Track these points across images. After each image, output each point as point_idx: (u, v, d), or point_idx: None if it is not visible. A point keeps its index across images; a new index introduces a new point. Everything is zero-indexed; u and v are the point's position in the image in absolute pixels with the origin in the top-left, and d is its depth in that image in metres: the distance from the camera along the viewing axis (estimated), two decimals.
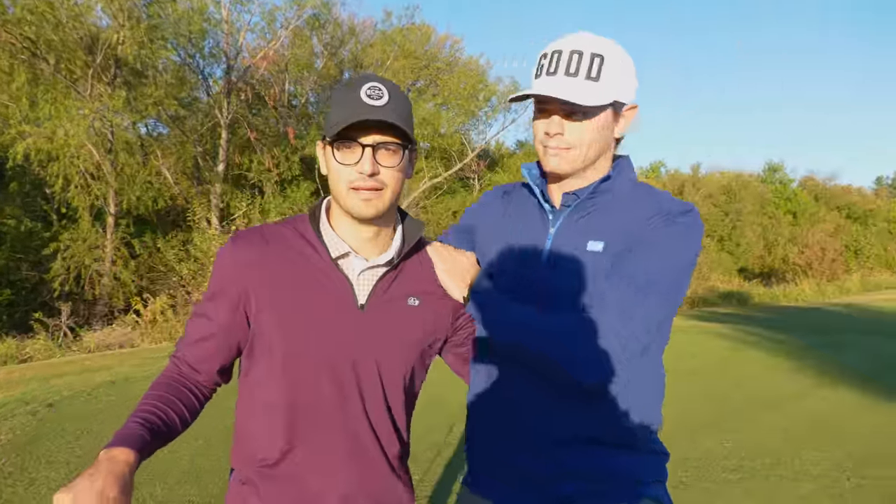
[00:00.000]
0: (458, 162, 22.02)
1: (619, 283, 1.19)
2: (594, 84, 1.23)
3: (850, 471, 4.12)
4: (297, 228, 1.25)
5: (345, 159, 1.15)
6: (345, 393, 1.20)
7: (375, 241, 1.25)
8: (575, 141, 1.26)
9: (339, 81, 22.17)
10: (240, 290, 1.19)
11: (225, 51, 18.09)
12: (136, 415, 1.10)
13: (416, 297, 1.28)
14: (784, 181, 35.82)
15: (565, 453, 1.28)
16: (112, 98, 14.26)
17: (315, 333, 1.19)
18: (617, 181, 1.32)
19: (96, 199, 15.13)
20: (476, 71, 22.65)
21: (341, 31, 21.50)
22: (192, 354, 1.23)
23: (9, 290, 15.50)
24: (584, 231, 1.30)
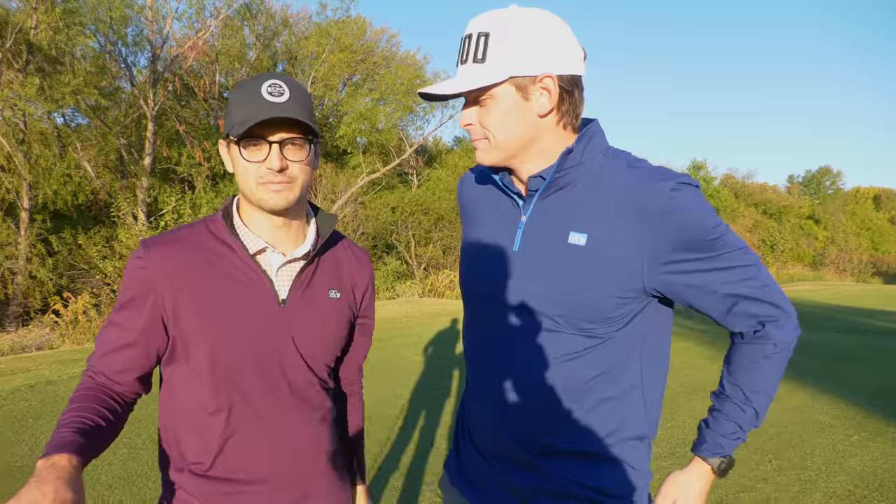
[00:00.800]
0: (397, 157, 21.89)
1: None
2: (480, 66, 1.14)
3: (771, 453, 4.36)
4: (209, 229, 1.23)
5: (253, 157, 1.15)
6: (273, 390, 1.21)
7: (289, 235, 1.26)
8: (486, 130, 1.19)
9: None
10: (155, 296, 1.17)
11: (149, 39, 17.24)
12: (64, 426, 1.04)
13: (335, 290, 1.31)
14: (707, 179, 37.59)
15: (545, 463, 1.26)
16: (24, 86, 13.31)
17: (238, 332, 1.18)
18: (584, 152, 1.18)
19: (8, 193, 14.13)
20: (413, 66, 22.57)
21: (274, 23, 20.98)
22: (109, 365, 1.18)
23: None
24: (562, 219, 1.19)
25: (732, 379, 1.26)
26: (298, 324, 1.23)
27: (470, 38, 1.16)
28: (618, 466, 1.25)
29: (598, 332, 1.18)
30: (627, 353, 1.22)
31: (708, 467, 1.29)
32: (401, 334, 9.30)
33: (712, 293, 1.16)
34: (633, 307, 1.19)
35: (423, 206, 21.02)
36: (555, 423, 1.24)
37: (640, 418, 1.26)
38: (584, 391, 1.21)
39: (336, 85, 21.09)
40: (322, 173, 19.21)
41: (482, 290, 1.31)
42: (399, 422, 4.91)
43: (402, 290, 17.48)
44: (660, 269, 1.14)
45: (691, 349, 8.38)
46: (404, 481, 3.72)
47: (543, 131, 1.19)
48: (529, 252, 1.23)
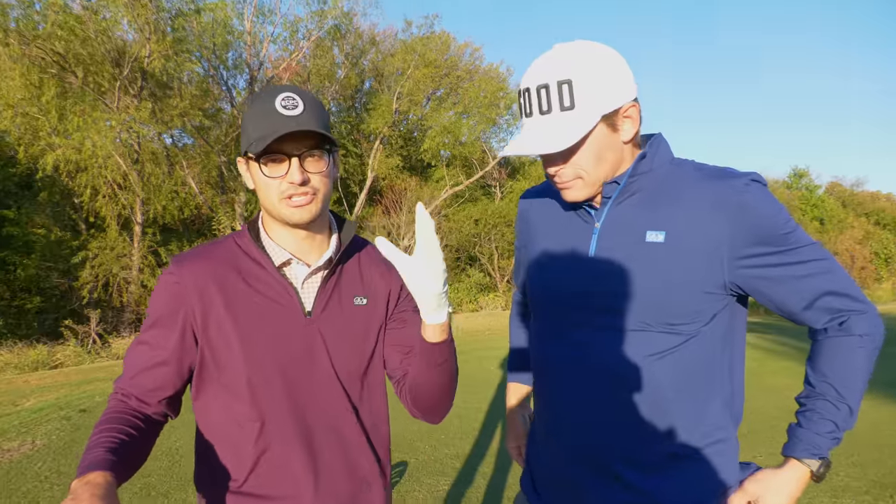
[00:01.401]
0: (480, 170, 22.04)
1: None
2: (570, 114, 1.15)
3: (891, 488, 3.99)
4: (237, 243, 1.24)
5: (273, 172, 1.14)
6: (305, 403, 1.19)
7: (313, 246, 1.25)
8: (579, 170, 1.21)
9: (359, 90, 22.37)
10: (185, 313, 1.17)
11: (248, 62, 18.37)
12: (95, 446, 1.04)
13: (361, 296, 1.29)
14: (810, 187, 35.27)
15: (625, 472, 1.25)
16: (138, 110, 14.55)
17: (266, 345, 1.17)
18: (655, 158, 1.23)
19: (123, 209, 15.42)
20: (496, 78, 22.67)
21: (362, 42, 21.76)
22: (141, 385, 1.17)
23: (39, 297, 15.85)
24: (637, 220, 1.22)
25: (820, 376, 1.21)
26: (325, 334, 1.22)
27: (547, 89, 1.17)
28: (710, 470, 1.24)
29: (683, 329, 1.19)
30: (713, 351, 1.22)
31: (805, 469, 1.20)
32: (483, 347, 9.32)
33: (791, 287, 1.18)
34: (716, 303, 1.20)
35: (506, 218, 20.98)
36: (643, 427, 1.22)
37: (727, 418, 1.26)
38: (673, 391, 1.21)
39: (420, 100, 21.52)
40: (406, 186, 19.64)
41: (558, 295, 1.32)
42: (480, 436, 4.91)
43: (485, 302, 17.51)
44: (739, 263, 1.16)
45: (793, 369, 7.86)
46: (484, 496, 3.72)
47: (626, 154, 1.24)
48: (606, 255, 1.24)
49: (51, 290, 16.05)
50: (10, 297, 15.81)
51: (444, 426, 5.14)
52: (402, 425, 5.15)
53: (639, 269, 1.20)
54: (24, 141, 14.40)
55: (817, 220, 32.29)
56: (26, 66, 13.53)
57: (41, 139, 14.15)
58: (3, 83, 13.42)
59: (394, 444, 4.66)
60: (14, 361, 10.88)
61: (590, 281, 1.26)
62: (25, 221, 15.84)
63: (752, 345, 9.90)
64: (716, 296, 1.19)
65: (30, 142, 14.37)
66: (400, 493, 3.77)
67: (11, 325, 14.61)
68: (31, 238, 15.77)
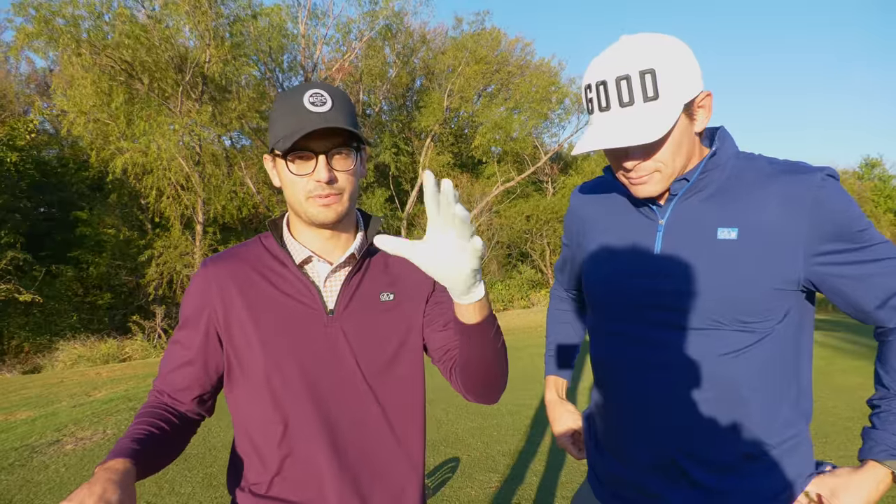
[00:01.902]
0: (531, 165, 21.86)
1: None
2: (654, 104, 1.11)
3: None
4: (263, 244, 1.24)
5: (300, 170, 1.12)
6: (326, 405, 1.16)
7: (338, 245, 1.22)
8: (658, 163, 1.17)
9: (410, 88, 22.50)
10: (210, 312, 1.17)
11: (302, 64, 18.80)
12: (124, 437, 1.07)
13: (388, 292, 1.24)
14: (884, 177, 33.37)
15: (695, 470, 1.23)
16: (199, 113, 15.10)
17: (288, 345, 1.16)
18: (723, 154, 1.20)
19: (186, 209, 16.04)
20: (547, 73, 22.41)
21: (413, 40, 21.90)
22: (172, 383, 1.20)
23: (109, 294, 16.73)
24: (706, 217, 1.19)
25: (894, 375, 1.17)
26: (348, 333, 1.18)
27: (629, 80, 1.11)
28: (785, 467, 1.21)
29: (757, 327, 1.16)
30: (785, 349, 1.19)
31: (886, 472, 1.14)
32: (535, 343, 9.24)
33: (865, 286, 1.15)
34: (789, 301, 1.17)
35: (558, 213, 20.74)
36: (717, 427, 1.19)
37: (798, 415, 1.24)
38: (747, 390, 1.18)
39: (471, 96, 21.50)
40: (458, 183, 19.68)
41: (622, 293, 1.29)
42: (531, 432, 4.88)
43: (536, 298, 17.37)
44: (815, 260, 1.14)
45: (864, 368, 7.46)
46: (536, 493, 3.69)
47: (697, 145, 1.21)
48: (674, 252, 1.21)
49: (120, 287, 16.92)
50: (83, 294, 16.75)
51: (496, 423, 5.13)
52: (453, 422, 5.17)
53: (710, 267, 1.17)
54: (95, 146, 15.21)
55: (892, 212, 30.55)
56: (97, 74, 14.24)
57: (111, 144, 14.90)
58: (76, 91, 14.17)
59: (445, 441, 4.68)
60: (87, 354, 11.52)
61: (657, 279, 1.22)
62: (97, 222, 16.72)
63: (820, 343, 9.45)
64: (789, 293, 1.16)
65: (101, 146, 15.16)
66: (452, 489, 3.79)
67: (84, 320, 15.48)
68: (103, 238, 16.65)
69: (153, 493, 3.75)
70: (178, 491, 3.80)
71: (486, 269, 19.46)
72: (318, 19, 19.29)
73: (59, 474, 4.15)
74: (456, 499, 3.63)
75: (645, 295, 1.24)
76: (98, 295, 16.76)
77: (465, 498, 3.64)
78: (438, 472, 4.06)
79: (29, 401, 6.60)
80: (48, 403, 6.35)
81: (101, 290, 16.90)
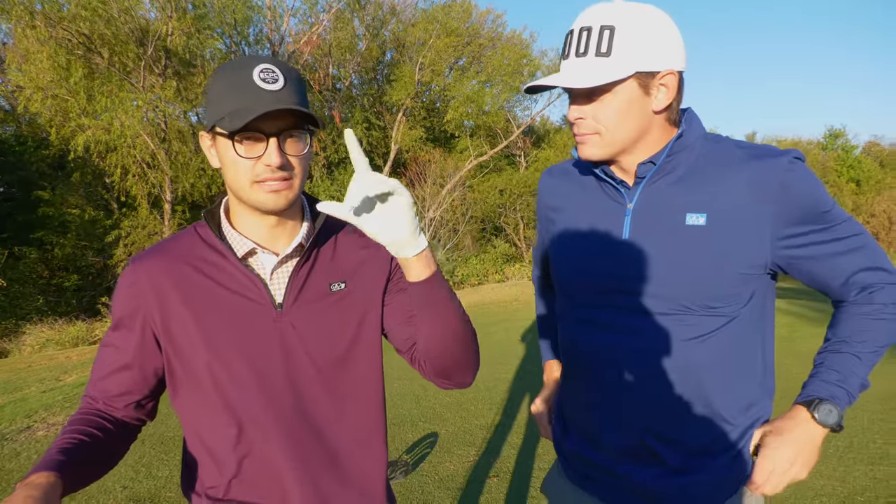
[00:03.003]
0: (504, 139, 21.81)
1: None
2: (604, 60, 1.11)
3: None
4: (199, 235, 1.13)
5: (248, 153, 1.01)
6: (283, 402, 1.11)
7: (283, 234, 1.14)
8: (599, 124, 1.17)
9: (380, 62, 22.13)
10: (145, 314, 1.09)
11: (269, 37, 18.34)
12: (52, 448, 0.98)
13: (339, 281, 1.17)
14: (846, 148, 34.15)
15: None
16: (163, 88, 14.68)
17: (235, 343, 1.08)
18: (689, 136, 1.20)
19: (153, 187, 15.68)
20: (519, 45, 22.24)
21: (382, 12, 21.49)
22: (106, 389, 1.11)
23: (76, 275, 16.34)
24: (674, 201, 1.19)
25: (833, 335, 1.24)
26: (299, 327, 1.12)
27: (590, 31, 1.13)
28: (749, 448, 1.25)
29: (724, 311, 1.18)
30: (749, 331, 1.22)
31: (804, 412, 1.17)
32: (511, 318, 9.33)
33: (829, 265, 1.18)
34: (754, 284, 1.19)
35: (531, 187, 20.80)
36: (684, 410, 1.22)
37: (763, 393, 1.27)
38: (712, 373, 1.20)
39: (443, 70, 21.25)
40: (430, 158, 19.54)
41: (589, 278, 1.29)
42: (508, 406, 4.95)
43: (511, 272, 17.48)
44: (782, 244, 1.15)
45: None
46: (514, 466, 3.76)
47: (654, 126, 1.20)
48: (642, 238, 1.21)
49: (87, 269, 16.53)
50: (49, 276, 16.33)
51: (473, 397, 5.19)
52: (431, 398, 5.22)
53: (679, 253, 1.18)
54: (55, 123, 14.67)
55: (853, 182, 31.34)
56: (53, 48, 13.68)
57: (71, 120, 14.39)
58: (32, 66, 13.63)
59: (423, 417, 4.73)
60: (55, 338, 11.28)
61: (625, 264, 1.23)
62: (60, 202, 16.24)
63: (784, 311, 9.73)
64: (755, 276, 1.18)
65: (61, 123, 14.63)
66: (431, 463, 3.84)
67: (51, 302, 15.11)
68: (67, 218, 16.19)
69: (129, 478, 3.72)
70: (155, 475, 3.77)
71: (461, 244, 19.49)
72: None
73: (32, 461, 4.08)
74: (435, 473, 3.68)
75: (612, 280, 1.25)
76: (64, 277, 16.36)
77: (445, 472, 3.69)
78: (417, 448, 4.11)
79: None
80: (16, 389, 6.22)
81: (68, 272, 16.49)
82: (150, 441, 4.24)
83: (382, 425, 1.24)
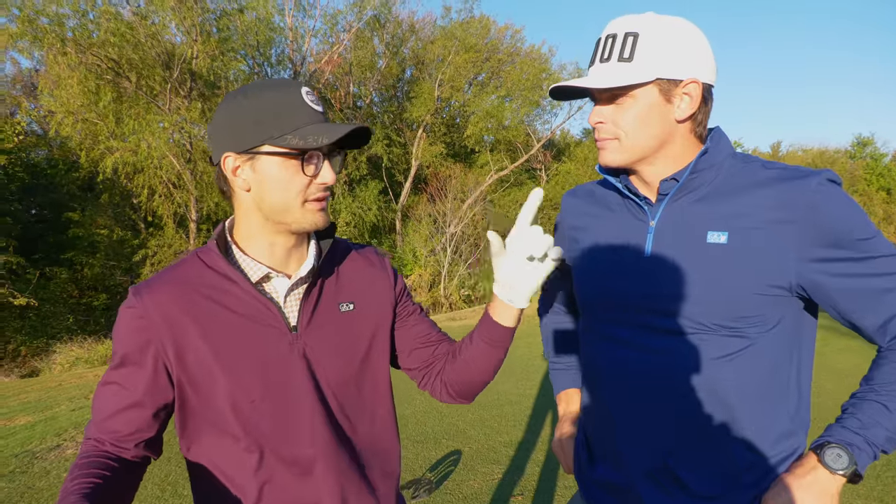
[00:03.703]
0: (524, 153, 21.82)
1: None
2: (626, 65, 1.13)
3: None
4: (205, 262, 1.11)
5: (311, 171, 1.04)
6: (300, 424, 1.10)
7: (295, 256, 1.14)
8: (619, 129, 1.17)
9: (400, 79, 22.34)
10: (156, 348, 1.05)
11: (290, 57, 18.67)
12: (71, 494, 0.92)
13: (347, 302, 1.19)
14: (875, 156, 33.46)
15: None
16: (189, 110, 15.00)
17: (251, 370, 1.07)
18: (716, 154, 1.18)
19: (179, 207, 15.97)
20: (538, 60, 22.33)
21: (401, 30, 21.76)
22: (114, 430, 1.06)
23: (104, 294, 16.66)
24: (697, 219, 1.17)
25: (865, 383, 1.15)
26: (315, 348, 1.12)
27: (615, 38, 1.15)
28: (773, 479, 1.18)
29: (747, 332, 1.14)
30: (779, 357, 1.17)
31: (813, 459, 1.08)
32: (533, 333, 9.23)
33: (863, 301, 1.09)
34: (782, 308, 1.14)
35: (553, 201, 20.72)
36: (707, 432, 1.18)
37: (796, 425, 1.21)
38: (737, 396, 1.16)
39: (462, 86, 21.40)
40: (451, 173, 19.61)
41: (612, 297, 1.28)
42: (532, 422, 4.89)
43: None
44: (808, 266, 1.10)
45: (860, 349, 7.51)
46: (538, 484, 3.70)
47: (676, 136, 1.18)
48: (665, 255, 1.20)
49: (115, 288, 16.84)
50: (78, 296, 16.68)
51: (497, 413, 5.14)
52: (454, 414, 5.18)
53: (699, 271, 1.15)
54: (84, 146, 15.08)
55: (884, 191, 30.66)
56: (83, 73, 14.09)
57: (100, 143, 14.78)
58: (63, 91, 14.04)
59: (447, 434, 4.69)
60: (84, 356, 11.49)
61: (648, 282, 1.21)
62: (89, 223, 16.63)
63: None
64: (781, 298, 1.13)
65: (90, 146, 15.04)
66: (455, 481, 3.80)
67: (80, 321, 15.43)
68: (96, 238, 16.56)
69: (155, 496, 3.74)
70: (181, 493, 3.79)
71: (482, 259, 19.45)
72: (305, 11, 19.18)
73: (61, 480, 4.13)
74: (459, 492, 3.64)
75: (634, 297, 1.23)
76: (93, 296, 16.70)
77: (469, 491, 3.65)
78: (441, 466, 4.07)
79: (28, 405, 6.57)
80: (47, 408, 6.32)
81: (97, 291, 16.84)
82: (176, 459, 4.27)
83: (397, 441, 1.27)
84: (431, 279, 17.11)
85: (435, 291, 16.79)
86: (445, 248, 17.35)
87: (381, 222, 20.09)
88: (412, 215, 19.05)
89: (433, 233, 17.84)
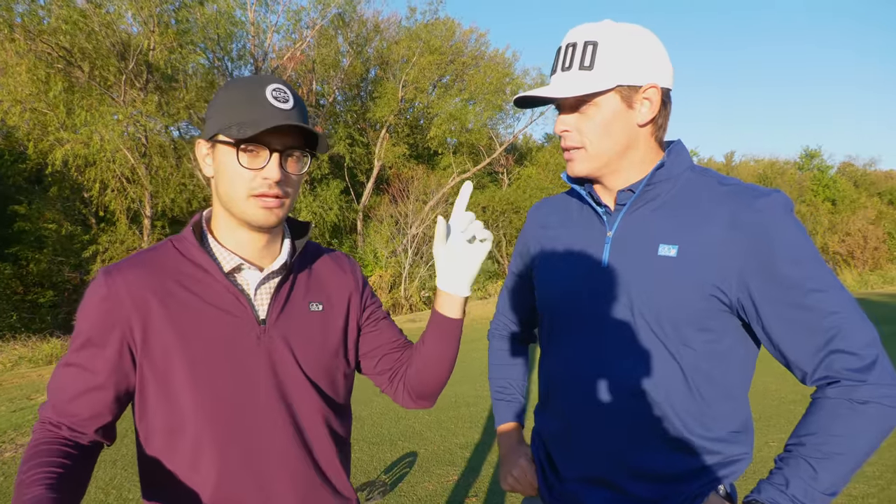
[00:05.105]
0: (487, 157, 21.94)
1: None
2: (587, 73, 1.15)
3: None
4: (177, 249, 1.12)
5: (251, 164, 1.04)
6: (263, 416, 1.10)
7: (268, 250, 1.16)
8: (583, 137, 1.20)
9: (364, 78, 22.22)
10: (123, 330, 1.04)
11: (252, 53, 18.31)
12: (33, 483, 0.90)
13: (317, 302, 1.21)
14: (822, 167, 34.85)
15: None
16: (145, 103, 14.55)
17: (216, 360, 1.07)
18: (674, 167, 1.21)
19: (132, 202, 15.47)
20: (502, 64, 22.48)
21: (366, 29, 21.59)
22: (73, 413, 1.05)
23: (52, 291, 16.00)
24: (650, 232, 1.20)
25: (795, 433, 1.12)
26: (281, 343, 1.12)
27: (574, 47, 1.18)
28: (715, 486, 1.21)
29: (694, 344, 1.16)
30: (727, 367, 1.19)
31: None
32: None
33: (797, 333, 1.08)
34: (726, 321, 1.16)
35: (514, 204, 20.91)
36: (652, 440, 1.21)
37: (740, 429, 1.23)
38: (681, 405, 1.18)
39: (426, 87, 21.38)
40: (413, 175, 19.58)
41: (571, 304, 1.30)
42: (488, 424, 4.92)
43: (493, 289, 17.49)
44: (748, 286, 1.11)
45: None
46: (491, 484, 3.73)
47: (639, 141, 1.22)
48: (619, 266, 1.23)
49: (63, 285, 16.20)
50: (23, 292, 15.98)
51: (454, 415, 5.15)
52: (411, 416, 5.17)
53: (648, 283, 1.18)
54: (33, 136, 14.44)
55: (829, 202, 31.95)
56: (33, 61, 13.52)
57: (50, 134, 14.19)
58: (10, 79, 13.44)
59: (403, 436, 4.68)
60: (28, 355, 11.02)
61: (602, 291, 1.24)
62: (37, 217, 15.95)
63: None
64: (724, 314, 1.15)
65: (39, 137, 14.42)
66: (410, 483, 3.79)
67: (25, 319, 14.78)
68: (43, 233, 15.89)
69: (100, 501, 3.62)
70: (126, 497, 3.68)
71: None
72: (268, 6, 18.81)
73: (0, 483, 3.97)
74: (413, 494, 3.64)
75: (590, 305, 1.26)
76: (39, 293, 16.02)
77: (423, 493, 3.65)
78: (396, 468, 4.06)
79: None
80: None
81: (43, 288, 16.15)
82: (122, 462, 4.15)
83: (348, 442, 1.30)
84: (392, 280, 17.02)
85: (395, 293, 16.71)
86: (406, 250, 17.29)
87: (342, 222, 19.88)
88: (374, 216, 18.93)
89: (394, 234, 17.77)
